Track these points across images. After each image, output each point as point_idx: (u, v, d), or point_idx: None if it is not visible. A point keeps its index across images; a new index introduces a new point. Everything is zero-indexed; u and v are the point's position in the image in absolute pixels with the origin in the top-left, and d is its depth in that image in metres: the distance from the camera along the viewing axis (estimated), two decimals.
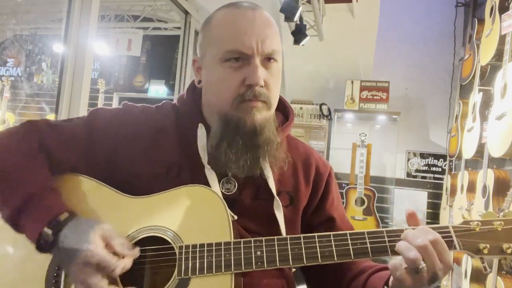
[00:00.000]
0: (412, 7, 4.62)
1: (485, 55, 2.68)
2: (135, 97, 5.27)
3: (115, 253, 0.76)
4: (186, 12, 3.39)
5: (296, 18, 3.12)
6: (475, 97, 2.87)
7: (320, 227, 0.97)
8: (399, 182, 4.51)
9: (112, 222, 0.82)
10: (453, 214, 3.35)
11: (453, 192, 3.48)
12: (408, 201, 4.42)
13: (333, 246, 0.78)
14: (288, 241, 0.78)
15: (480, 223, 0.76)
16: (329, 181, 1.00)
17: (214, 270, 0.76)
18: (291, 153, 0.97)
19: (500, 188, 2.33)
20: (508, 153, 2.03)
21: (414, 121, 4.55)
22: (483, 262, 0.77)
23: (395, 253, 0.75)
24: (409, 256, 0.71)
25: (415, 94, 4.60)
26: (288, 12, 3.03)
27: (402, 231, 0.77)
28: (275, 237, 0.79)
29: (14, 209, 0.78)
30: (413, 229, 0.76)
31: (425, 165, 4.52)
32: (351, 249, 0.77)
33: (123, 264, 0.75)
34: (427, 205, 4.34)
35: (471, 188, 2.93)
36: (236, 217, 0.84)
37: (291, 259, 0.77)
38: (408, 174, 4.56)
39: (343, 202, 4.14)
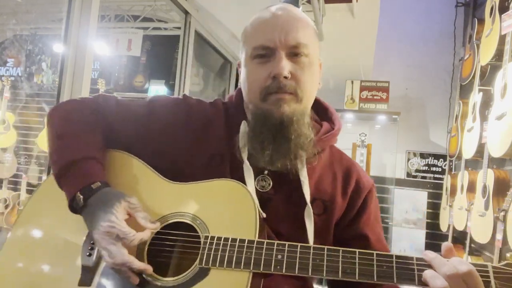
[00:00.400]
0: (412, 7, 4.62)
1: (485, 55, 2.69)
2: (135, 97, 5.27)
3: (137, 225, 0.81)
4: (186, 12, 3.39)
5: None
6: (475, 97, 2.87)
7: (352, 243, 0.94)
8: (399, 182, 4.51)
9: (147, 202, 0.88)
10: (453, 214, 3.35)
11: (453, 192, 3.48)
12: (408, 201, 4.42)
13: (357, 264, 0.74)
14: (311, 250, 0.77)
15: None
16: (367, 197, 0.97)
17: (233, 265, 0.77)
18: (333, 163, 0.97)
19: (500, 188, 2.33)
20: (508, 153, 2.03)
21: (414, 121, 4.56)
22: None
23: (422, 283, 0.70)
24: (435, 285, 0.66)
25: (415, 94, 4.60)
26: None
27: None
28: (299, 244, 0.78)
29: (60, 169, 0.87)
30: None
31: (425, 165, 4.52)
32: (375, 270, 0.73)
33: (141, 237, 0.80)
34: (427, 205, 4.34)
35: (471, 188, 2.93)
36: (264, 215, 0.85)
37: (311, 269, 0.75)
38: (408, 174, 4.56)
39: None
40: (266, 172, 0.91)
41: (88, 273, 0.83)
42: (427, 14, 4.56)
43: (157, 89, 5.21)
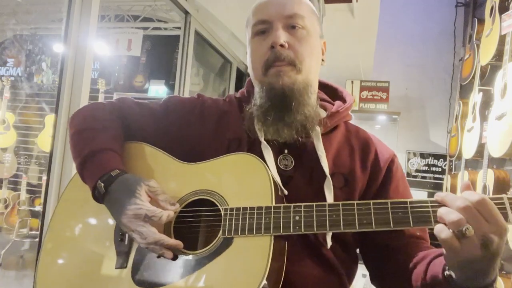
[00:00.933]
0: (412, 7, 4.62)
1: (485, 55, 2.69)
2: (135, 97, 5.26)
3: (158, 207, 0.84)
4: (186, 12, 3.39)
5: None
6: (475, 97, 2.87)
7: None
8: None
9: (166, 185, 0.92)
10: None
11: (453, 192, 3.49)
12: None
13: (372, 213, 0.76)
14: (327, 208, 0.79)
15: None
16: (391, 167, 0.96)
17: (254, 231, 0.80)
18: (349, 138, 0.99)
19: (500, 188, 2.33)
20: (508, 153, 2.03)
21: (414, 121, 4.56)
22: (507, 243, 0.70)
23: (438, 222, 0.69)
24: (449, 219, 0.65)
25: (415, 94, 4.60)
26: None
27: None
28: (314, 204, 0.80)
29: (81, 162, 0.91)
30: None
31: (425, 165, 4.53)
32: (390, 217, 0.75)
33: (168, 214, 0.83)
34: None
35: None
36: (286, 192, 0.86)
37: (328, 225, 0.78)
38: (408, 174, 4.56)
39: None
40: (286, 151, 0.93)
41: (123, 256, 0.87)
42: (427, 14, 4.56)
43: (157, 89, 5.21)
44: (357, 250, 0.98)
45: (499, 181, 2.36)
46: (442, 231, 0.66)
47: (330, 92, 1.09)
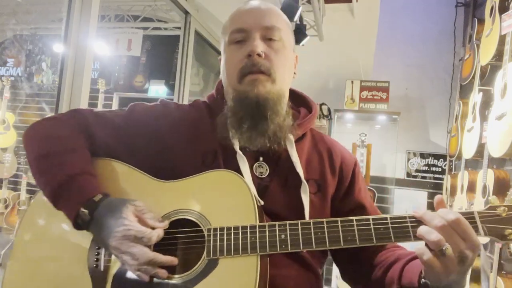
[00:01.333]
0: (412, 7, 4.62)
1: (485, 55, 2.69)
2: (135, 97, 5.26)
3: (147, 226, 0.82)
4: (186, 12, 3.39)
5: (296, 18, 3.12)
6: (475, 97, 2.87)
7: (351, 214, 0.95)
8: (399, 182, 4.52)
9: (146, 204, 0.88)
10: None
11: (453, 192, 3.48)
12: (408, 201, 4.42)
13: (356, 230, 0.79)
14: (312, 225, 0.81)
15: (506, 208, 0.75)
16: (355, 170, 1.03)
17: (240, 251, 0.79)
18: (316, 145, 1.02)
19: (500, 188, 2.33)
20: (508, 153, 2.03)
21: (414, 121, 4.55)
22: (508, 248, 0.75)
23: (418, 238, 0.75)
24: (430, 239, 0.70)
25: (415, 94, 4.60)
26: (288, 12, 3.03)
27: None
28: (299, 221, 0.81)
29: (55, 190, 0.86)
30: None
31: (425, 165, 4.52)
32: (373, 234, 0.78)
33: (157, 233, 0.81)
34: (427, 205, 4.34)
35: (471, 188, 2.93)
36: (262, 203, 0.87)
37: (314, 242, 0.79)
38: (408, 174, 4.56)
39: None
40: (261, 158, 0.94)
41: (99, 283, 0.84)
42: (427, 14, 4.56)
43: (157, 89, 5.21)
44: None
45: (499, 181, 2.36)
46: (424, 254, 0.71)
47: (295, 97, 1.09)
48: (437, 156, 4.49)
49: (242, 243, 0.80)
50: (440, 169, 4.46)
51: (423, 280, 0.77)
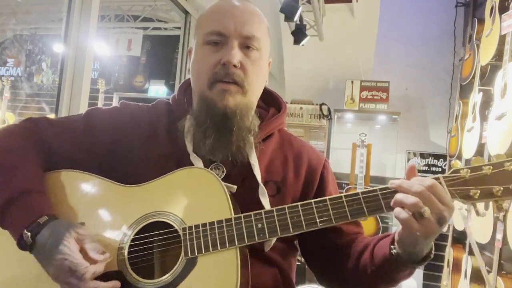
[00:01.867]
0: (412, 7, 4.62)
1: (485, 55, 2.68)
2: (135, 97, 5.27)
3: (87, 257, 0.77)
4: (186, 12, 3.39)
5: (296, 18, 3.12)
6: (475, 97, 2.87)
7: None
8: None
9: (114, 213, 0.86)
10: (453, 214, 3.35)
11: None
12: None
13: (330, 210, 0.80)
14: (287, 210, 0.81)
15: (469, 170, 0.78)
16: (324, 173, 1.01)
17: (219, 246, 0.78)
18: (282, 146, 1.00)
19: None
20: (508, 153, 2.03)
21: (414, 121, 4.55)
22: (475, 207, 0.79)
23: (390, 209, 0.78)
24: (408, 202, 0.73)
25: (415, 94, 4.60)
26: (288, 12, 3.03)
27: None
28: (274, 208, 0.81)
29: (0, 209, 0.81)
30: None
31: (425, 165, 4.52)
32: (347, 210, 0.79)
33: (94, 270, 0.76)
34: None
35: None
36: (235, 187, 0.86)
37: (291, 227, 0.80)
38: None
39: None
40: (218, 160, 0.92)
41: None
42: (427, 14, 4.56)
43: (157, 89, 5.21)
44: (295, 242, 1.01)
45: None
46: (400, 213, 0.74)
47: (265, 96, 1.07)
48: (437, 156, 4.49)
49: (220, 237, 0.79)
50: (440, 169, 4.46)
51: (394, 251, 0.81)
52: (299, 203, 0.81)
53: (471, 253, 2.74)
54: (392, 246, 0.82)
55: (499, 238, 2.13)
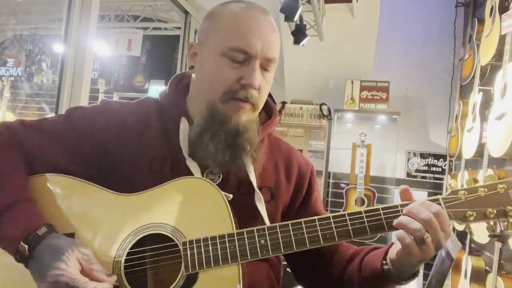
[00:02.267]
0: (412, 7, 4.62)
1: (485, 55, 2.68)
2: (135, 97, 5.25)
3: (92, 279, 0.74)
4: (186, 12, 3.39)
5: (296, 18, 3.12)
6: (475, 97, 2.87)
7: None
8: (399, 182, 4.51)
9: (108, 223, 0.81)
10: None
11: None
12: None
13: (334, 228, 0.80)
14: (290, 227, 0.80)
15: (466, 192, 0.80)
16: (311, 179, 1.03)
17: (221, 262, 0.76)
18: (272, 152, 1.00)
19: None
20: (508, 153, 2.03)
21: (414, 121, 4.55)
22: (469, 228, 0.81)
23: (392, 229, 0.79)
24: (413, 228, 0.74)
25: (415, 94, 4.60)
26: (288, 12, 3.03)
27: (396, 207, 0.80)
28: (277, 224, 0.81)
29: None
30: (409, 203, 0.79)
31: (425, 165, 4.52)
32: (350, 229, 0.80)
33: (94, 286, 0.73)
34: None
35: None
36: (231, 196, 0.85)
37: (295, 244, 0.79)
38: (408, 174, 4.56)
39: (343, 202, 4.15)
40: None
41: None
42: (427, 14, 4.56)
43: (157, 89, 5.20)
44: None
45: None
46: (405, 238, 0.75)
47: None
48: (437, 156, 4.49)
49: (222, 253, 0.76)
50: (440, 169, 4.46)
51: (386, 267, 0.82)
52: (302, 220, 0.81)
53: (471, 253, 2.75)
54: (384, 262, 0.83)
55: None
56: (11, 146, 0.85)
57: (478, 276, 2.56)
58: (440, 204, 0.79)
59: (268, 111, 1.03)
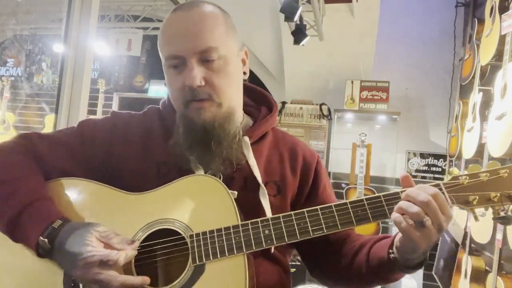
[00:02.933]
0: (412, 7, 4.62)
1: (485, 55, 2.68)
2: (135, 97, 5.27)
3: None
4: None
5: (296, 18, 3.12)
6: (475, 97, 2.87)
7: None
8: (399, 182, 4.50)
9: (118, 220, 0.85)
10: (453, 214, 3.34)
11: None
12: None
13: (336, 216, 0.81)
14: (293, 217, 0.82)
15: (467, 177, 0.80)
16: (318, 169, 1.02)
17: (227, 253, 0.79)
18: (277, 144, 1.01)
19: None
20: (508, 153, 2.03)
21: (414, 121, 4.55)
22: (474, 213, 0.80)
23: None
24: (412, 211, 0.74)
25: (415, 94, 4.60)
26: (288, 12, 3.03)
27: (397, 193, 0.81)
28: (280, 215, 0.82)
29: (9, 222, 0.81)
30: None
31: (425, 165, 4.53)
32: (352, 216, 0.81)
33: (125, 254, 0.77)
34: None
35: None
36: (236, 193, 0.86)
37: (298, 233, 0.81)
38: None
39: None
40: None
41: None
42: (427, 14, 4.56)
43: (157, 89, 5.21)
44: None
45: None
46: (401, 222, 0.75)
47: (256, 96, 1.07)
48: (437, 156, 4.49)
49: (227, 244, 0.79)
50: (440, 169, 4.46)
51: (392, 255, 0.82)
52: (305, 210, 0.82)
53: (471, 253, 2.74)
54: (390, 251, 0.83)
55: (499, 238, 2.13)
56: (27, 153, 0.90)
57: (478, 276, 2.56)
58: (441, 189, 0.79)
59: (269, 105, 1.04)
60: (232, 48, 0.92)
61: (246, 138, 0.93)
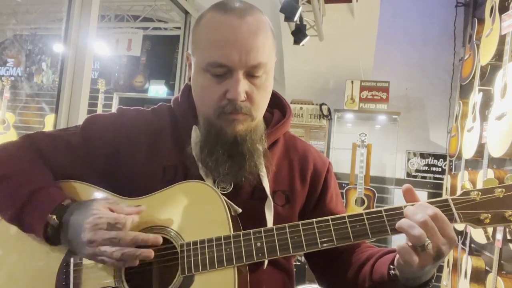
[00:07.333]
0: (412, 7, 4.62)
1: (485, 55, 2.68)
2: (135, 97, 5.26)
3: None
4: (186, 12, 3.39)
5: (296, 18, 3.12)
6: (475, 97, 2.87)
7: None
8: (399, 182, 4.51)
9: None
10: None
11: (453, 192, 3.48)
12: None
13: (332, 230, 0.77)
14: (287, 230, 0.78)
15: (480, 193, 0.73)
16: (327, 177, 0.99)
17: (216, 265, 0.76)
18: (288, 152, 0.98)
19: None
20: (508, 153, 2.03)
21: (414, 121, 4.55)
22: (485, 232, 0.74)
23: (395, 231, 0.74)
24: (413, 233, 0.69)
25: (415, 94, 4.60)
26: (288, 12, 3.03)
27: (400, 208, 0.75)
28: (274, 227, 0.79)
29: (18, 209, 0.81)
30: (412, 205, 0.74)
31: (425, 165, 4.52)
32: (350, 232, 0.76)
33: (132, 218, 0.77)
34: None
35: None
36: (240, 210, 0.84)
37: (291, 247, 0.77)
38: (408, 174, 4.56)
39: (342, 202, 4.15)
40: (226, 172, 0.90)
41: None
42: (427, 14, 4.56)
43: (157, 89, 5.20)
44: None
45: (499, 181, 2.36)
46: (407, 253, 0.70)
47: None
48: (437, 156, 4.49)
49: (217, 255, 0.76)
50: (440, 169, 4.46)
51: (392, 272, 0.78)
52: (300, 222, 0.78)
53: (471, 253, 2.74)
54: (391, 266, 0.79)
55: (499, 238, 2.13)
56: (34, 151, 0.91)
57: (478, 276, 2.56)
58: (449, 205, 0.73)
59: (282, 110, 1.01)
60: (273, 62, 0.89)
61: (259, 147, 0.89)
